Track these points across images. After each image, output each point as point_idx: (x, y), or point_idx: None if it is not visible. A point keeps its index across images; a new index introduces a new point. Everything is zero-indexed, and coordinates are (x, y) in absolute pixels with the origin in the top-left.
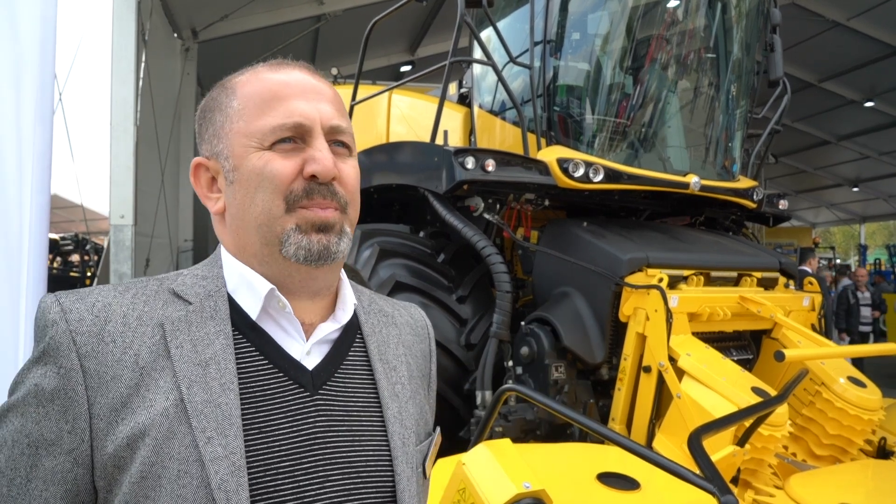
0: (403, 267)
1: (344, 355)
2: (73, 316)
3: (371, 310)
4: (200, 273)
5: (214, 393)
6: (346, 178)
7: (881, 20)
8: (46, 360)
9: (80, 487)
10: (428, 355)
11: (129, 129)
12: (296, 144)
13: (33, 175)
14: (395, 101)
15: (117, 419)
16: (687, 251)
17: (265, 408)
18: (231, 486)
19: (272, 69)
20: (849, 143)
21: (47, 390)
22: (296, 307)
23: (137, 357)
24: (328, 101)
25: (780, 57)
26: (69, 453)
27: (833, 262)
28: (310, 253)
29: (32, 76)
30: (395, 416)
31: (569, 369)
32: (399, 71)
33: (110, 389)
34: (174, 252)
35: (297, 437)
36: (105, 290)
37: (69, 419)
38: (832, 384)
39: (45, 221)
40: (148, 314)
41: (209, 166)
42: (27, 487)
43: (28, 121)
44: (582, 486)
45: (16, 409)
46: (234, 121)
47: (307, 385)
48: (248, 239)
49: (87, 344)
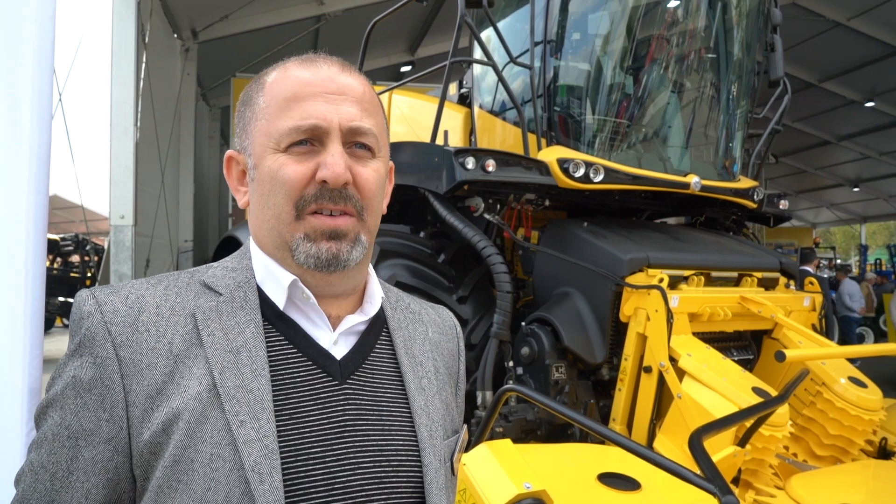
0: (404, 267)
1: (371, 347)
2: (108, 307)
3: (398, 306)
4: (230, 265)
5: (246, 378)
6: (362, 183)
7: (882, 20)
8: (82, 352)
9: (120, 475)
10: (456, 354)
11: (128, 130)
12: (312, 147)
13: (30, 174)
14: (396, 101)
15: (153, 406)
16: (687, 251)
17: (295, 394)
18: (264, 469)
19: (301, 65)
20: (849, 144)
21: (84, 381)
22: (321, 303)
23: (171, 345)
24: (353, 100)
25: (780, 57)
26: (108, 442)
27: (833, 263)
28: (319, 261)
29: (31, 76)
30: (421, 409)
31: (569, 370)
32: (399, 71)
33: (145, 377)
34: (174, 252)
35: (328, 424)
36: (138, 284)
37: (106, 408)
38: (833, 384)
39: (43, 221)
40: (180, 304)
41: (239, 160)
42: (69, 479)
43: (27, 120)
44: (582, 486)
45: (55, 403)
46: (258, 118)
47: (335, 374)
48: (265, 238)
49: (121, 333)
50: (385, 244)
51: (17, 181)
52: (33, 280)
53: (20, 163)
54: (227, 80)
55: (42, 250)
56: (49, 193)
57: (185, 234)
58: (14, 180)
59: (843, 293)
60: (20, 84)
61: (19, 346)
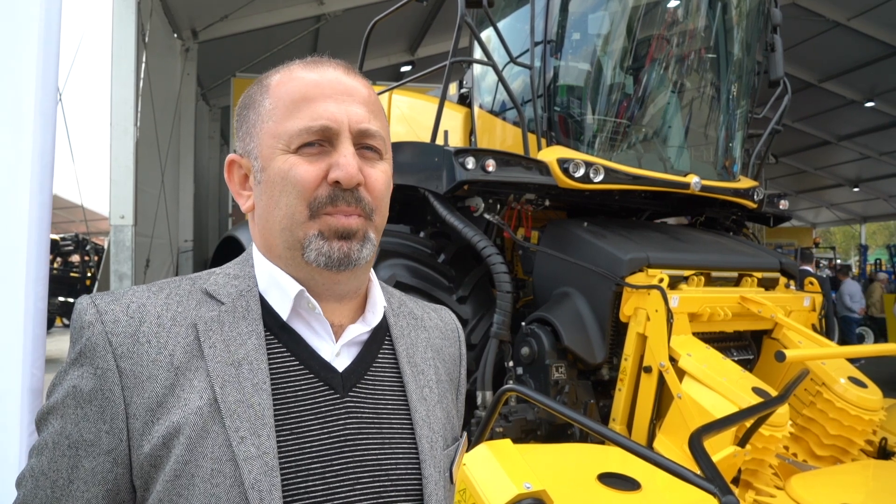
0: (404, 267)
1: (373, 358)
2: (109, 317)
3: (400, 312)
4: (232, 272)
5: (247, 393)
6: (372, 184)
7: (881, 20)
8: (83, 362)
9: (120, 487)
10: (458, 359)
11: (129, 130)
12: (322, 148)
13: (33, 174)
14: (396, 101)
15: (153, 419)
16: (687, 251)
17: (297, 408)
18: (264, 486)
19: (306, 68)
20: (849, 144)
21: (85, 391)
22: (324, 308)
23: (172, 357)
24: (360, 102)
25: (780, 57)
26: (108, 453)
27: (833, 263)
28: (330, 259)
29: (34, 74)
30: (423, 420)
31: (569, 370)
32: (399, 71)
33: (146, 389)
34: (174, 252)
35: (328, 439)
36: (140, 291)
37: (107, 419)
38: (833, 384)
39: (46, 221)
40: (182, 314)
41: (242, 164)
42: (69, 489)
43: (29, 120)
44: (582, 486)
45: (55, 411)
46: (264, 120)
47: (337, 387)
48: (273, 240)
49: (122, 345)
50: (385, 244)
51: (19, 181)
52: (35, 281)
53: (23, 163)
54: (227, 79)
55: (45, 250)
56: None
57: (185, 234)
58: (17, 180)
59: (843, 293)
60: (23, 84)
61: (20, 346)
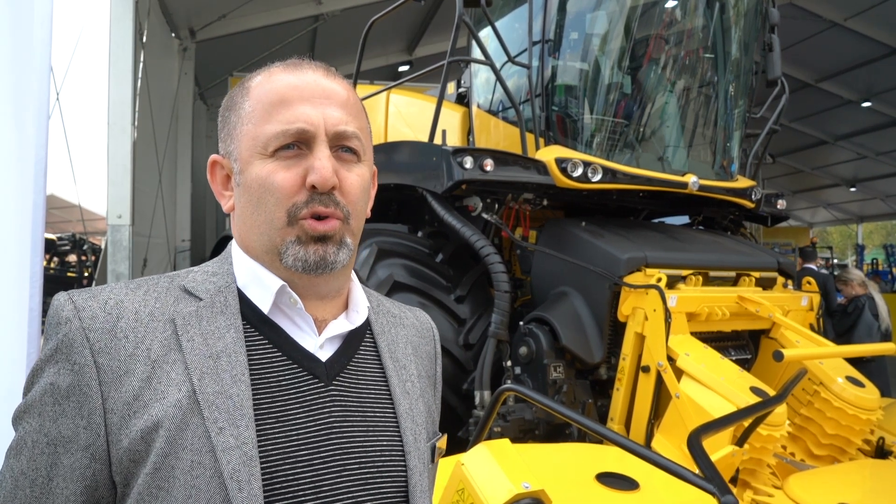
0: (402, 267)
1: (355, 350)
2: (86, 313)
3: (380, 310)
4: (211, 269)
5: (226, 384)
6: (348, 188)
7: (879, 20)
8: (59, 358)
9: (98, 482)
10: (433, 357)
11: (126, 129)
12: (299, 151)
13: (25, 175)
14: (394, 100)
15: (130, 413)
16: (685, 251)
17: (281, 398)
18: (243, 476)
19: (286, 70)
20: (846, 143)
21: (62, 387)
22: (306, 305)
23: (149, 351)
24: (338, 104)
25: (778, 57)
26: (86, 449)
27: (830, 262)
28: (306, 264)
29: (28, 75)
30: (406, 413)
31: (567, 369)
32: (397, 71)
33: (123, 384)
34: (171, 252)
35: (314, 427)
36: (117, 288)
37: (84, 415)
38: (830, 384)
39: (41, 221)
40: (159, 310)
41: (223, 165)
42: (49, 486)
43: (24, 119)
44: (581, 486)
45: (32, 408)
46: (244, 123)
47: (321, 376)
48: (251, 243)
49: (100, 340)
50: (383, 243)
51: (14, 181)
52: (31, 280)
53: (18, 163)
54: (225, 79)
55: (39, 250)
56: (46, 193)
57: (182, 234)
58: (12, 180)
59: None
60: (17, 83)
61: (18, 345)
